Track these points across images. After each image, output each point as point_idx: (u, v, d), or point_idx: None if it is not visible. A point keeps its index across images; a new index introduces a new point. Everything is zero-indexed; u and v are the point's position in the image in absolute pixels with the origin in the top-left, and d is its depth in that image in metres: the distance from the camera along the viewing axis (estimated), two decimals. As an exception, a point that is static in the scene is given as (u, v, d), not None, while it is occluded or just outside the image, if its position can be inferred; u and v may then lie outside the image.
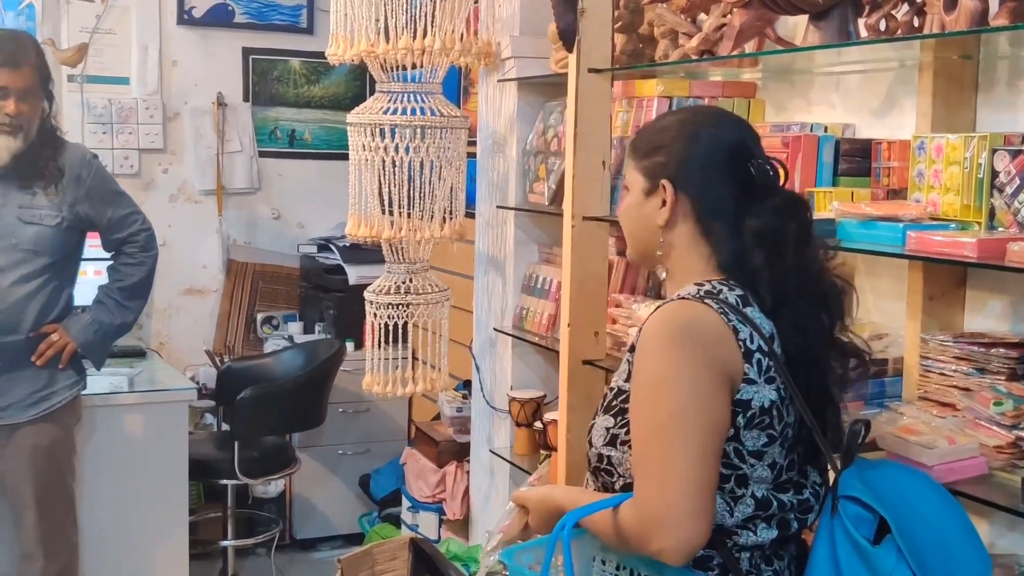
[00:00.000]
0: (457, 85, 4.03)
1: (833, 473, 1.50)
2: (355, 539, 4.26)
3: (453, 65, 3.05)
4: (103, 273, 3.09)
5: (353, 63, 2.98)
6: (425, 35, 2.83)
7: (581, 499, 1.54)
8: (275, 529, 4.11)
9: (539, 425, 3.06)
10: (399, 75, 2.96)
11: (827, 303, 1.55)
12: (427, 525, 3.69)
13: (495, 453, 3.33)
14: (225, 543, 3.93)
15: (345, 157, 3.10)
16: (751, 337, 1.47)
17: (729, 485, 1.47)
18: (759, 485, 1.49)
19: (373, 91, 3.08)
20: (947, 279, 2.10)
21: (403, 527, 3.85)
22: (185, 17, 4.49)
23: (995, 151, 1.84)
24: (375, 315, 3.07)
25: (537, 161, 3.14)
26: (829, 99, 2.44)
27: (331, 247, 4.48)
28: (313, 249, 4.65)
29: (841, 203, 2.00)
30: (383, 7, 2.82)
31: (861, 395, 2.07)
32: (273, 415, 3.81)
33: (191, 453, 3.51)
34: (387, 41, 2.85)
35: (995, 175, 1.84)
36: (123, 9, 4.35)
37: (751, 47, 2.37)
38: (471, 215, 3.44)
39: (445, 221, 3.03)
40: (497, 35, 3.20)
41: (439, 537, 3.62)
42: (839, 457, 1.49)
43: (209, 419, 4.33)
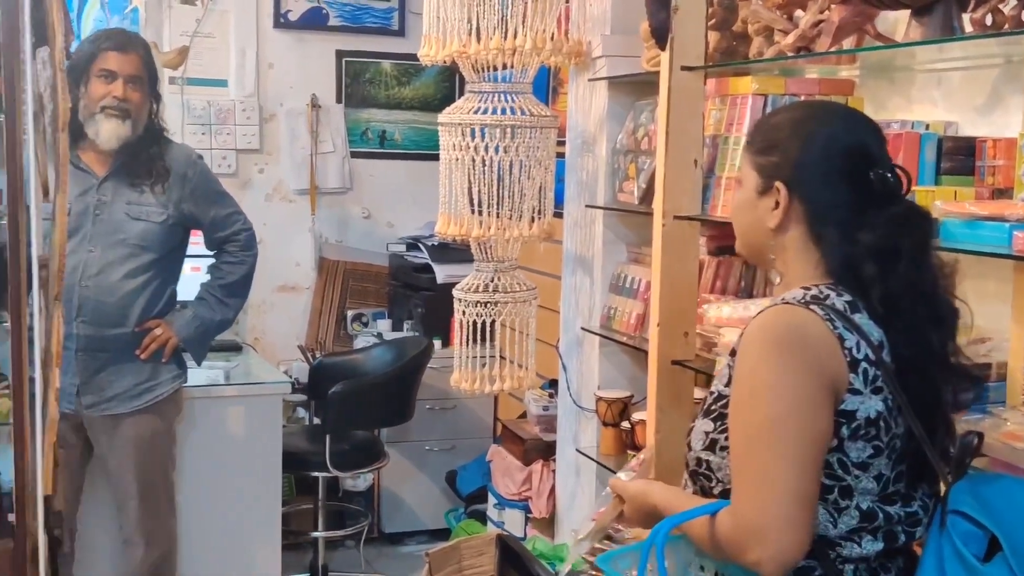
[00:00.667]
0: (546, 85, 4.04)
1: (944, 486, 1.46)
2: (441, 534, 4.30)
3: (543, 65, 3.06)
4: (201, 270, 3.18)
5: (444, 64, 3.01)
6: (516, 35, 2.85)
7: (678, 502, 1.53)
8: (364, 522, 4.18)
9: (626, 425, 3.06)
10: (490, 75, 2.99)
11: (940, 322, 1.49)
12: (513, 522, 3.71)
13: (581, 452, 3.33)
14: (316, 534, 4.00)
15: (434, 157, 3.14)
16: (857, 346, 1.43)
17: (832, 496, 1.44)
18: (864, 497, 1.45)
19: (462, 92, 3.11)
20: (1055, 281, 2.04)
21: (489, 524, 3.87)
22: (281, 20, 4.59)
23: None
24: (463, 313, 3.10)
25: (627, 160, 3.13)
26: (930, 96, 2.38)
27: (419, 246, 4.54)
28: (402, 248, 4.71)
29: (944, 202, 1.96)
30: (475, 8, 2.85)
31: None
32: (363, 410, 3.87)
33: (284, 446, 3.59)
34: (478, 41, 2.88)
35: (1107, 174, 1.78)
36: (222, 13, 4.47)
37: (849, 43, 2.33)
38: (559, 215, 3.45)
39: (534, 220, 3.04)
40: (588, 34, 3.21)
41: (525, 535, 3.63)
42: (950, 470, 1.45)
43: (301, 413, 4.42)
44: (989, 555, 1.37)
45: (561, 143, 3.43)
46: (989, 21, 1.93)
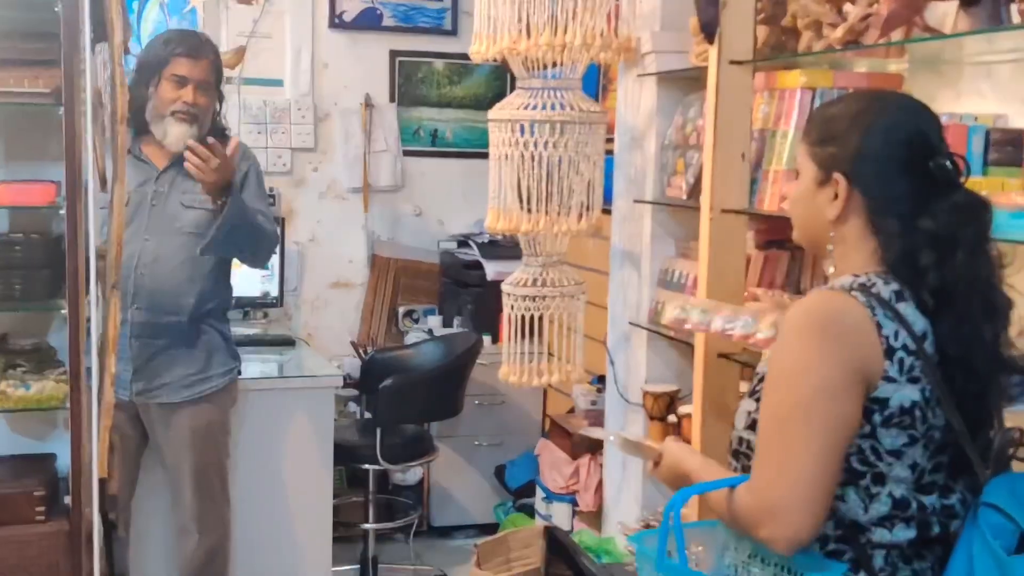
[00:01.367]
0: (596, 83, 4.06)
1: (981, 479, 1.46)
2: (490, 528, 4.33)
3: (593, 64, 3.08)
4: (243, 267, 3.22)
5: (495, 62, 3.04)
6: (566, 31, 2.87)
7: (708, 473, 1.57)
8: (413, 515, 4.22)
9: (673, 419, 3.06)
10: (540, 73, 3.01)
11: (993, 313, 1.49)
12: (560, 516, 3.73)
13: (629, 447, 3.33)
14: (366, 526, 4.05)
15: (484, 156, 3.17)
16: (895, 334, 1.44)
17: (864, 482, 1.46)
18: (898, 485, 1.46)
19: (513, 91, 3.13)
20: (1105, 273, 2.01)
21: (537, 517, 3.90)
22: (336, 21, 4.66)
23: None
24: (511, 307, 3.12)
25: (675, 155, 3.14)
26: (979, 89, 2.36)
27: (470, 243, 4.58)
28: (453, 245, 4.76)
29: (991, 193, 1.94)
30: (525, 5, 2.88)
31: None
32: (412, 404, 3.92)
33: (336, 439, 3.63)
34: (528, 38, 2.90)
35: None
36: (278, 14, 4.56)
37: (898, 36, 2.32)
38: (608, 211, 3.46)
39: (581, 216, 3.06)
40: (638, 30, 3.22)
41: (572, 528, 3.65)
42: (990, 464, 1.45)
43: (353, 407, 4.48)
44: (1021, 549, 1.36)
45: (610, 140, 3.44)
46: (1038, 11, 1.91)
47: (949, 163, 1.50)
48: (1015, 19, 1.94)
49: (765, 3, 2.70)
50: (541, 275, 3.13)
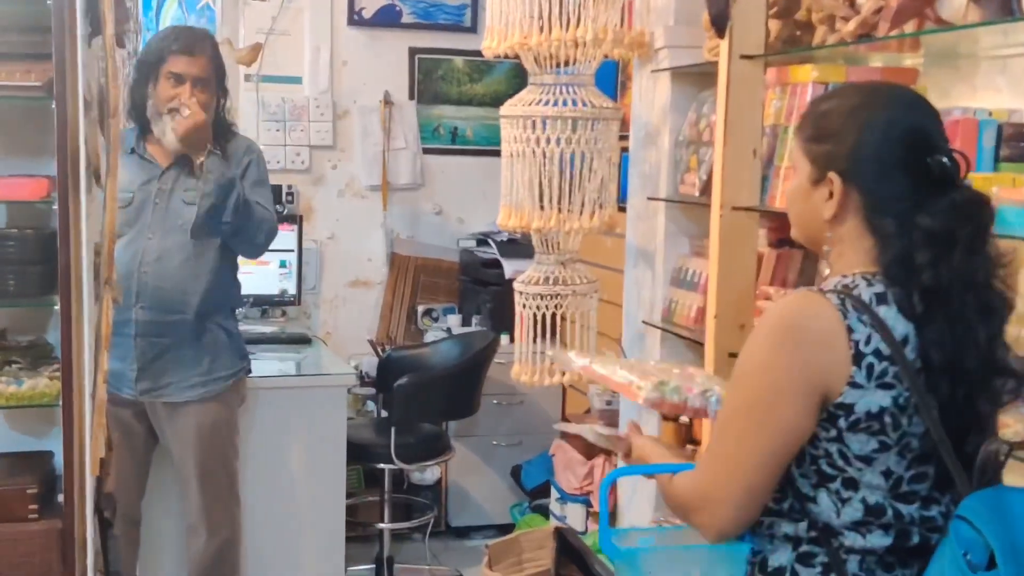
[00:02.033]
0: (614, 80, 4.01)
1: (962, 492, 1.41)
2: (508, 529, 4.30)
3: (610, 60, 3.03)
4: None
5: (507, 56, 3.01)
6: (579, 26, 2.83)
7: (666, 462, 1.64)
8: (430, 515, 4.20)
9: (685, 419, 3.01)
10: (553, 69, 2.98)
11: (991, 313, 1.43)
12: (575, 516, 3.69)
13: (643, 447, 3.29)
14: (381, 526, 4.04)
15: (504, 154, 3.14)
16: (867, 339, 1.40)
17: (834, 485, 1.44)
18: (872, 491, 1.44)
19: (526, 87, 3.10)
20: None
21: (551, 518, 3.86)
22: (355, 18, 4.65)
23: None
24: (524, 306, 3.09)
25: (689, 152, 3.09)
26: (995, 83, 2.30)
27: (489, 242, 4.56)
28: (472, 244, 4.74)
29: (1001, 189, 1.88)
30: (538, 0, 2.84)
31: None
32: (428, 403, 3.90)
33: (353, 438, 3.63)
34: (540, 33, 2.87)
35: None
36: (296, 11, 4.55)
37: (910, 29, 2.25)
38: (623, 209, 3.42)
39: (594, 213, 3.02)
40: (651, 26, 3.17)
41: (586, 529, 3.61)
42: (973, 476, 1.40)
43: (370, 406, 4.47)
44: (992, 565, 1.31)
45: (625, 137, 3.40)
46: (1052, 2, 1.85)
47: (948, 160, 1.45)
48: (1027, 10, 1.88)
49: (778, -4, 2.65)
50: (554, 273, 3.10)
